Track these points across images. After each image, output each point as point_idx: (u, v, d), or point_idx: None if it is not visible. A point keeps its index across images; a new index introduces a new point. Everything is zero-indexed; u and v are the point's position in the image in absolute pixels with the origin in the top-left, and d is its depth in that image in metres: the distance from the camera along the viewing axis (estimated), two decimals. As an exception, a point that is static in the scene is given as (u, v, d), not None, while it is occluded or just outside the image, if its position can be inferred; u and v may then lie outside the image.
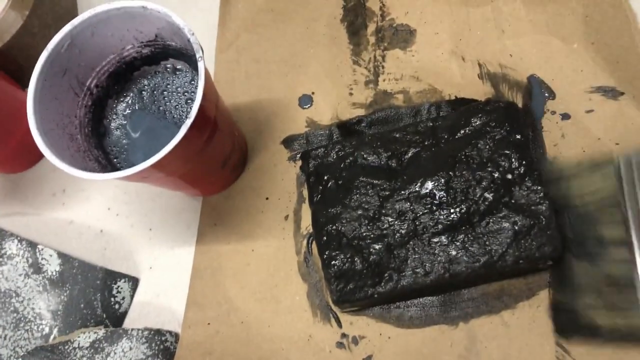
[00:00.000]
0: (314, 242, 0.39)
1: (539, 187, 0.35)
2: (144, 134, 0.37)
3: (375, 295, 0.35)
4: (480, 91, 0.41)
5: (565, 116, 0.39)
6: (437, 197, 0.35)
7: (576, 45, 0.41)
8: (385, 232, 0.36)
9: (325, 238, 0.36)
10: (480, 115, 0.37)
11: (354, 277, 0.35)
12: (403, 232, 0.35)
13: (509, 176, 0.35)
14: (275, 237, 0.40)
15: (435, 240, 0.35)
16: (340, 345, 0.36)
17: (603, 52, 0.40)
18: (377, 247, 0.35)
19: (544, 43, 0.41)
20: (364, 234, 0.36)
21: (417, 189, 0.36)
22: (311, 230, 0.39)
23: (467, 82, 0.41)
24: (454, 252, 0.34)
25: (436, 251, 0.35)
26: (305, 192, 0.40)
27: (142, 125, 0.38)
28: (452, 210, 0.35)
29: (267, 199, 0.41)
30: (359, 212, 0.36)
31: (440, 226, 0.35)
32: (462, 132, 0.37)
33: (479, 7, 0.43)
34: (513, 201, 0.35)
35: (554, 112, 0.39)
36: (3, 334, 0.40)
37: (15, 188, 0.45)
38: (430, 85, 0.42)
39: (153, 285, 0.41)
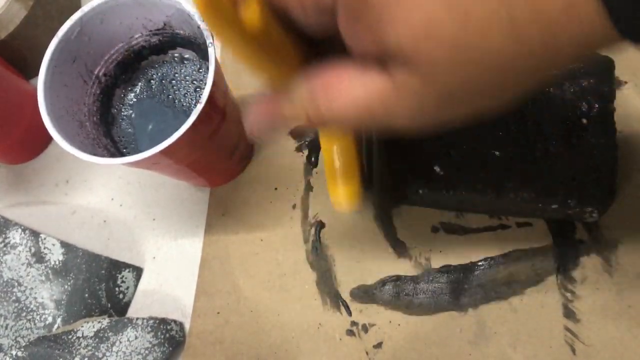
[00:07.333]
0: (322, 231, 0.39)
1: (612, 139, 0.34)
2: (152, 122, 0.37)
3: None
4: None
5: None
6: (506, 124, 0.35)
7: (579, 36, 0.41)
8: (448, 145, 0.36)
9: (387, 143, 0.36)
10: None
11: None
12: (465, 147, 0.35)
13: (584, 120, 0.35)
14: (283, 226, 0.40)
15: (494, 162, 0.35)
16: (350, 332, 0.37)
17: (605, 43, 0.41)
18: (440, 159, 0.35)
19: (546, 34, 0.42)
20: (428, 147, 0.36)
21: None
22: (319, 219, 0.39)
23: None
24: (509, 176, 0.34)
25: (492, 172, 0.35)
26: (312, 181, 0.41)
27: (150, 114, 0.37)
28: (518, 139, 0.35)
29: (275, 189, 0.41)
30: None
31: (503, 152, 0.35)
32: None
33: None
34: (581, 145, 0.34)
35: (558, 102, 0.40)
36: (4, 323, 0.39)
37: (19, 178, 0.45)
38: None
39: (156, 275, 0.41)
